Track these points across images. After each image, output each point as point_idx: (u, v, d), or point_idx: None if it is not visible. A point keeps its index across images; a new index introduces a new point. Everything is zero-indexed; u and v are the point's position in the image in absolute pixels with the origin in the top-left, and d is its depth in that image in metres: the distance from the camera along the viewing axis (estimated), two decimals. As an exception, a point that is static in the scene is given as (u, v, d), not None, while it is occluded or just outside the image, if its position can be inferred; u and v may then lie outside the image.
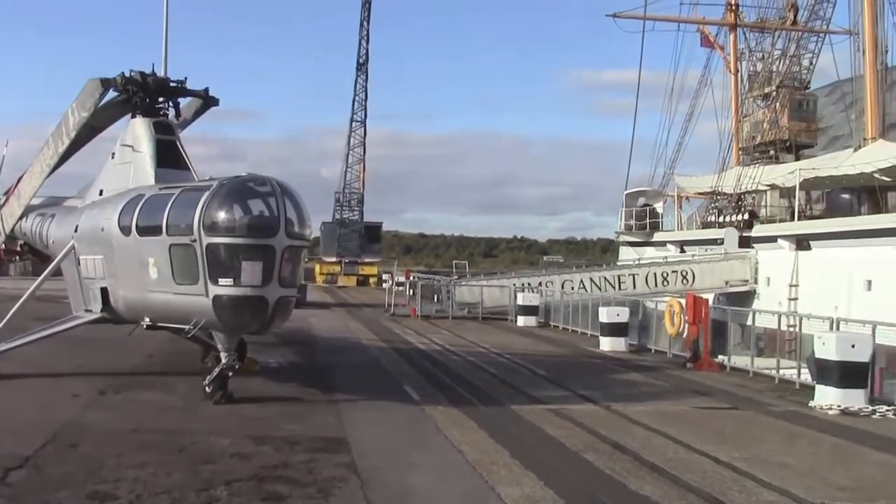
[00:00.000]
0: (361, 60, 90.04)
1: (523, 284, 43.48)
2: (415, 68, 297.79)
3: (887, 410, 17.53)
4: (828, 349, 18.06)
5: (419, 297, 43.22)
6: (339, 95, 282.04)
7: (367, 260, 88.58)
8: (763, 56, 57.19)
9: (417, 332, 33.92)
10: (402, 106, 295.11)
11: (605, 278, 43.61)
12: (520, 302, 39.99)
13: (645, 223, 56.81)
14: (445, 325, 37.87)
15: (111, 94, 20.01)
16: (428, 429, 15.03)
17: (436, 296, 44.44)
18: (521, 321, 39.09)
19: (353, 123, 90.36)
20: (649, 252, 54.74)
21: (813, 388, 18.81)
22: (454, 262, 60.32)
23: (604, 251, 73.57)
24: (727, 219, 49.64)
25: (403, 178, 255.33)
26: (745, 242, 45.10)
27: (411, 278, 49.71)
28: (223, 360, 16.38)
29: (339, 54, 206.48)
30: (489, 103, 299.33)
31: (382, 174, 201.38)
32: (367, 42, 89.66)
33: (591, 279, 43.38)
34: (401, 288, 50.98)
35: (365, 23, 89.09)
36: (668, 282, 43.21)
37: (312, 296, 50.82)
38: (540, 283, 43.75)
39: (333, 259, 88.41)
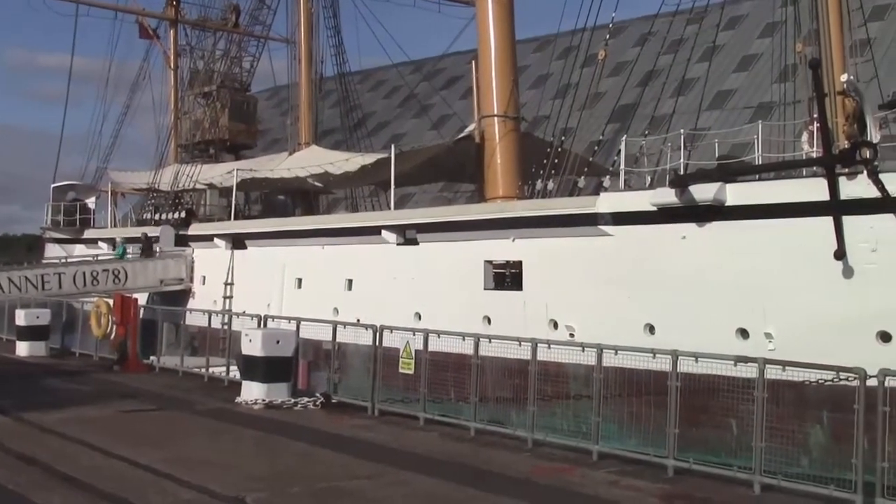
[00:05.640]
0: None
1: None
2: None
3: (308, 401, 18.24)
4: (254, 346, 18.31)
5: None
6: None
7: None
8: (204, 55, 57.46)
9: None
10: None
11: (27, 278, 39.93)
12: None
13: (75, 219, 53.63)
14: None
15: None
16: None
17: None
18: (-90, 329, 34.42)
19: None
20: (79, 250, 51.83)
21: (241, 385, 18.96)
22: None
23: (30, 249, 67.82)
24: (164, 217, 48.86)
25: None
26: (182, 241, 44.72)
27: None
28: None
29: None
30: None
31: None
32: None
33: (10, 279, 39.50)
34: None
35: None
36: (98, 281, 40.99)
37: None
38: (-57, 286, 38.75)
39: None
